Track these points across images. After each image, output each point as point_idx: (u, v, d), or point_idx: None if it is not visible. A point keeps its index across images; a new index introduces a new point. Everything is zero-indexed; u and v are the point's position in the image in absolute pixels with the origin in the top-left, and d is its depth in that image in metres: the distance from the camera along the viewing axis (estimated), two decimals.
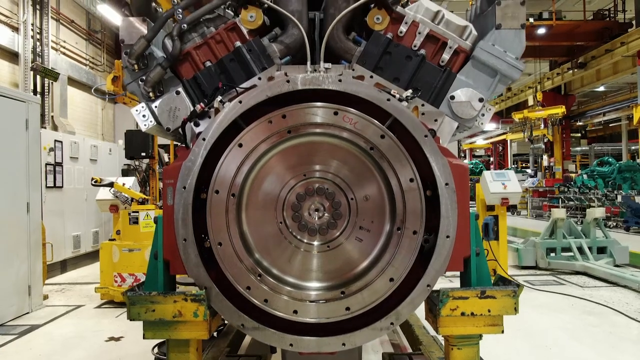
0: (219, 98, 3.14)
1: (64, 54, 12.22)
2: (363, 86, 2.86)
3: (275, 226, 2.94)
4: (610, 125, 31.89)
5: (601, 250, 10.03)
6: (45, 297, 8.14)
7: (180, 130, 3.28)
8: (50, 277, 9.69)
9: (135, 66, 3.35)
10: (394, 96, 2.94)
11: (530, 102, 26.44)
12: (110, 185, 8.29)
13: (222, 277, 2.85)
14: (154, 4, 3.69)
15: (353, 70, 3.23)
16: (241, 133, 2.81)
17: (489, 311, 2.80)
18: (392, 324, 2.81)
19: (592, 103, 27.46)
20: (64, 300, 8.30)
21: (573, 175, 22.05)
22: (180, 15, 3.32)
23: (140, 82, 3.36)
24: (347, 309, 2.81)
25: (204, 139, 2.83)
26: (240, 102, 2.85)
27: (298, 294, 2.84)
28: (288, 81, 2.85)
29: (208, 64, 3.35)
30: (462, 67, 3.29)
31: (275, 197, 2.93)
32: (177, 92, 3.30)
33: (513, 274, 9.43)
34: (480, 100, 3.20)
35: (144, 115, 3.32)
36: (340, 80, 2.84)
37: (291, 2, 3.35)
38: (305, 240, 2.94)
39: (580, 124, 29.34)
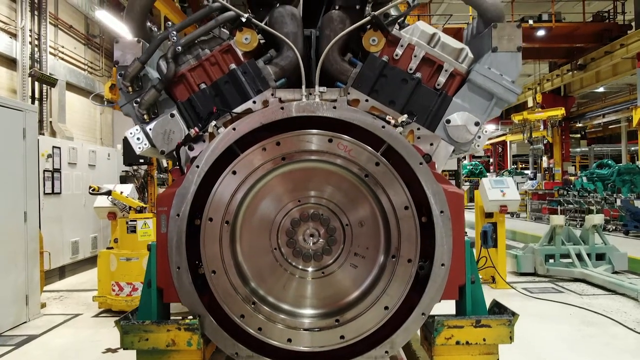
0: (214, 123, 3.12)
1: (63, 59, 12.17)
2: (358, 113, 2.85)
3: (270, 253, 2.93)
4: (610, 126, 31.86)
5: (600, 257, 9.99)
6: (43, 306, 8.11)
7: (174, 153, 3.26)
8: (48, 283, 9.65)
9: (130, 88, 3.33)
10: (389, 122, 2.92)
11: (530, 104, 26.40)
12: (108, 193, 8.26)
13: (216, 303, 2.85)
14: (149, 24, 3.66)
15: (348, 94, 3.20)
16: (235, 160, 2.80)
17: (484, 340, 2.79)
18: (386, 352, 2.81)
19: (591, 104, 27.42)
20: (61, 309, 8.27)
21: (572, 178, 22.00)
22: (175, 38, 3.29)
23: (134, 104, 3.34)
24: (342, 337, 2.80)
25: (197, 166, 2.82)
26: (234, 129, 2.83)
27: (292, 322, 2.83)
28: (282, 108, 2.84)
29: (203, 86, 3.33)
30: (458, 90, 3.27)
31: (270, 223, 2.93)
32: (172, 115, 3.27)
33: (511, 280, 9.40)
34: (476, 124, 3.18)
35: (138, 138, 3.30)
36: (334, 107, 2.82)
37: (286, 24, 3.33)
38: (300, 267, 2.93)
39: (580, 125, 29.30)
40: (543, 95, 24.95)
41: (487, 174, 33.49)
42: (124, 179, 11.10)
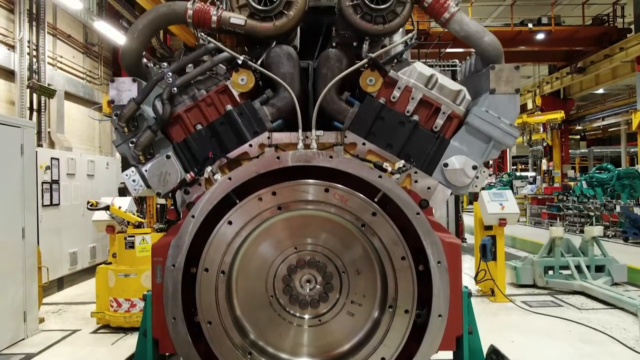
0: (209, 168, 3.10)
1: (61, 69, 12.11)
2: (354, 162, 2.83)
3: (267, 301, 2.91)
4: (609, 129, 31.82)
5: (599, 269, 9.97)
6: (41, 321, 8.09)
7: (170, 195, 3.24)
8: (46, 295, 9.61)
9: (125, 129, 3.31)
10: (386, 170, 2.90)
11: (530, 106, 26.36)
12: (106, 208, 8.25)
13: (212, 353, 2.83)
14: (144, 60, 3.63)
15: (345, 137, 3.18)
16: (231, 211, 2.78)
17: None
18: None
19: (591, 107, 27.39)
20: (60, 324, 8.25)
21: (572, 183, 21.94)
22: (170, 79, 3.27)
23: (130, 145, 3.32)
24: None
25: (193, 216, 2.80)
26: (229, 178, 2.81)
27: None
28: (278, 157, 2.82)
29: (199, 126, 3.30)
30: (456, 132, 3.24)
31: (266, 271, 2.91)
32: (168, 157, 3.25)
33: (511, 292, 9.39)
34: (474, 167, 3.15)
35: (134, 180, 3.28)
36: (331, 157, 2.80)
37: (282, 65, 3.31)
38: (297, 314, 2.91)
39: (579, 128, 29.27)
40: (542, 97, 24.91)
41: None
42: (122, 191, 11.05)
